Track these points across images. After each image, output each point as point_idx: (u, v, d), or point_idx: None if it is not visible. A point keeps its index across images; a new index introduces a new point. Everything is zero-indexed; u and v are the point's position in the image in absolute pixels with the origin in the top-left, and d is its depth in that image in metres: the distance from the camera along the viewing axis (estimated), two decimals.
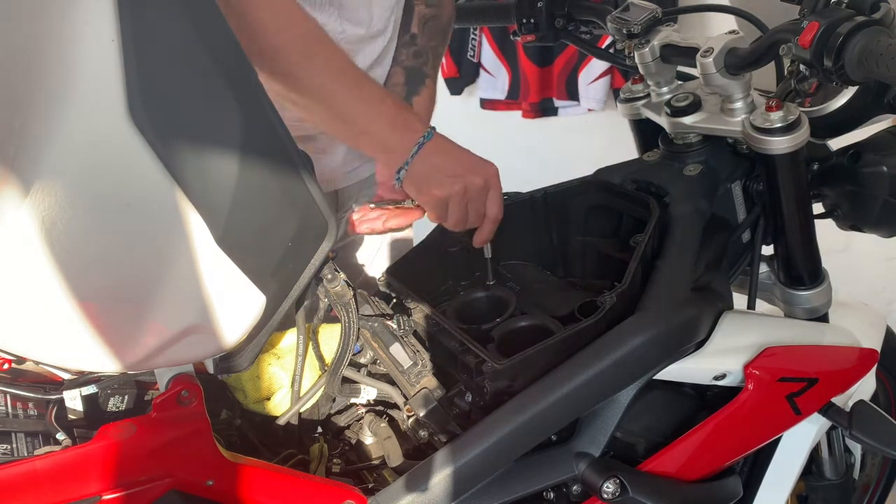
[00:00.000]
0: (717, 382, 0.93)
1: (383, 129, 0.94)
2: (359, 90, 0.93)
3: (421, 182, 0.95)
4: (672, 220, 0.99)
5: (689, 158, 1.05)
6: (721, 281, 1.00)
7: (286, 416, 0.96)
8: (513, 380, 0.85)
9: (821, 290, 1.05)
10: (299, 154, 0.83)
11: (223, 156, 0.75)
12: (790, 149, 0.93)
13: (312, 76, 0.90)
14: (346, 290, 0.94)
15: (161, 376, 0.85)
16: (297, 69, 0.89)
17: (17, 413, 0.85)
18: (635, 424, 0.91)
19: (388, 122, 0.94)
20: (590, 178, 1.11)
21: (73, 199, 0.70)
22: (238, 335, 0.81)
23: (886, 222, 1.01)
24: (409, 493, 0.83)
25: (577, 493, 0.89)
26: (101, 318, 0.74)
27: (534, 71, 2.40)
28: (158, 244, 0.74)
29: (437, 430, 0.91)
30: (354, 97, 0.93)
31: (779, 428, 0.98)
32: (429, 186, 0.95)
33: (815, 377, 0.96)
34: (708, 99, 1.03)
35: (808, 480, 1.21)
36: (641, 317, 0.87)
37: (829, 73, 0.84)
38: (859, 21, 0.82)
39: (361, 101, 0.93)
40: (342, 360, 0.96)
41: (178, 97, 0.73)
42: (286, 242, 0.83)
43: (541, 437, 0.86)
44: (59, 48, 0.67)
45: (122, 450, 0.79)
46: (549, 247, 1.12)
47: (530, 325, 0.97)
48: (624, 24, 1.06)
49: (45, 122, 0.68)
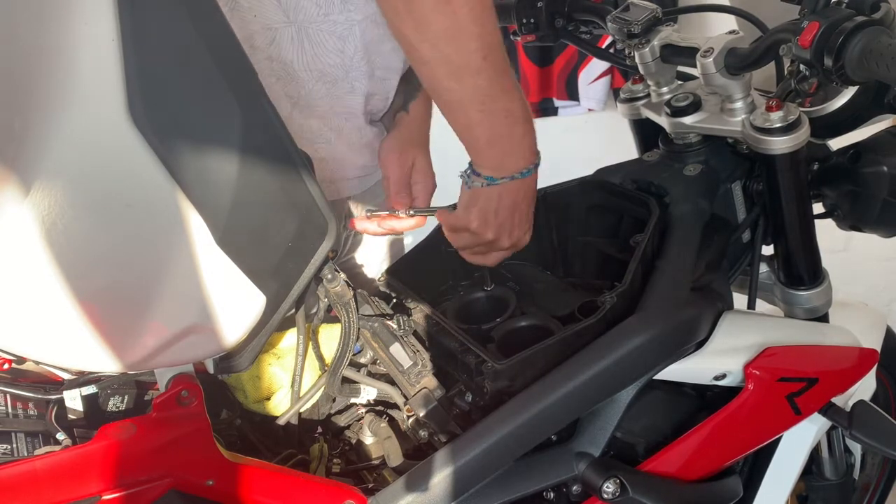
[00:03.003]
0: (718, 382, 0.93)
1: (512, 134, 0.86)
2: (515, 90, 0.85)
3: (474, 203, 0.91)
4: (672, 220, 0.99)
5: (689, 158, 1.05)
6: (721, 281, 1.00)
7: (286, 416, 0.96)
8: (513, 380, 0.85)
9: (821, 290, 1.05)
10: (299, 154, 0.83)
11: (223, 156, 0.75)
12: (790, 149, 0.93)
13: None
14: (346, 290, 0.94)
15: (161, 376, 0.85)
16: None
17: (17, 413, 0.85)
18: (635, 424, 0.91)
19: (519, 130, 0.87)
20: (590, 178, 1.11)
21: (74, 200, 0.70)
22: (238, 335, 0.81)
23: (886, 222, 1.01)
24: (409, 493, 0.83)
25: (577, 493, 0.89)
26: (102, 317, 0.74)
27: (534, 71, 2.39)
28: (159, 244, 0.74)
29: (437, 430, 0.91)
30: (515, 93, 0.85)
31: (779, 428, 0.98)
32: (475, 212, 0.92)
33: (815, 377, 0.96)
34: (708, 99, 1.03)
35: (808, 480, 1.21)
36: (641, 317, 0.87)
37: (829, 73, 0.84)
38: (859, 21, 0.82)
39: (512, 97, 0.85)
40: (342, 360, 0.96)
41: (178, 97, 0.73)
42: (286, 242, 0.83)
43: (541, 437, 0.86)
44: (59, 49, 0.67)
45: (122, 450, 0.79)
46: (549, 247, 1.12)
47: (530, 325, 0.97)
48: (624, 24, 1.06)
49: (45, 122, 0.68)
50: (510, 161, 0.88)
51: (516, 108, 0.85)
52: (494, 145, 0.87)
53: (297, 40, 0.96)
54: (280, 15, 0.93)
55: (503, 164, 0.88)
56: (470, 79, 0.80)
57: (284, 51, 0.96)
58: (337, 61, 0.99)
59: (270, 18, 0.93)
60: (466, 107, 0.83)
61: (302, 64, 0.97)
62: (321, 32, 0.96)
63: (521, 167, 0.89)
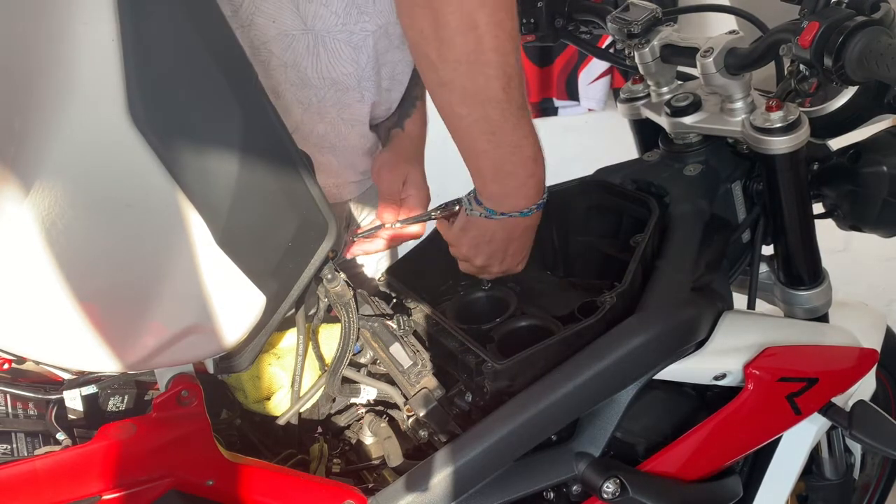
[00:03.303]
0: (717, 382, 0.93)
1: (518, 172, 0.86)
2: (528, 129, 0.85)
3: (469, 229, 0.93)
4: (672, 220, 0.99)
5: (689, 158, 1.05)
6: (721, 281, 1.00)
7: (286, 416, 0.96)
8: (513, 380, 0.85)
9: (821, 290, 1.05)
10: (299, 154, 0.83)
11: (223, 156, 0.75)
12: (790, 149, 0.93)
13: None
14: (346, 290, 0.94)
15: (161, 376, 0.85)
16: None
17: (17, 413, 0.85)
18: (635, 424, 0.91)
19: (525, 170, 0.87)
20: (590, 178, 1.11)
21: (74, 200, 0.70)
22: (238, 335, 0.81)
23: (886, 222, 1.01)
24: (409, 493, 0.83)
25: (577, 493, 0.89)
26: (102, 317, 0.74)
27: (534, 71, 2.40)
28: (159, 244, 0.74)
29: (437, 430, 0.91)
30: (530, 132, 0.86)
31: (779, 428, 0.98)
32: (468, 239, 0.94)
33: (815, 377, 0.96)
34: (708, 99, 1.03)
35: (808, 480, 1.21)
36: (641, 317, 0.87)
37: (829, 73, 0.84)
38: (859, 21, 0.82)
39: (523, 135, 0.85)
40: (342, 360, 0.96)
41: (178, 97, 0.73)
42: (286, 242, 0.83)
43: (541, 437, 0.86)
44: (59, 48, 0.67)
45: (122, 450, 0.79)
46: (550, 247, 1.12)
47: (530, 325, 0.98)
48: (624, 24, 1.06)
49: (45, 122, 0.68)
50: (512, 199, 0.89)
51: (526, 147, 0.85)
52: (498, 180, 0.87)
53: (313, 48, 0.96)
54: (298, 22, 0.94)
55: (504, 200, 0.89)
56: (481, 107, 0.80)
57: (300, 57, 0.97)
58: (350, 70, 1.00)
59: (288, 25, 0.94)
60: (475, 135, 0.83)
61: (316, 71, 0.98)
62: (337, 42, 0.97)
63: (521, 207, 0.89)
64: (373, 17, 0.98)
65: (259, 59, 0.95)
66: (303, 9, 0.93)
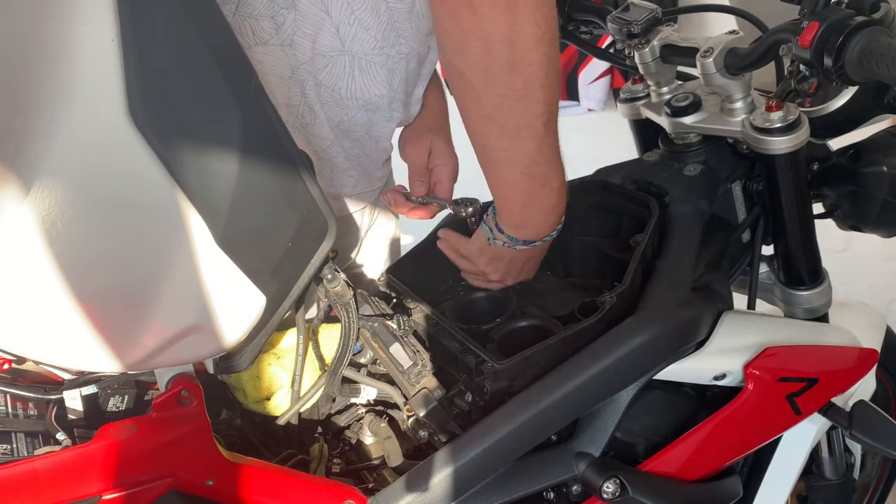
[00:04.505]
0: (717, 382, 0.93)
1: (545, 203, 0.87)
2: (558, 160, 0.86)
3: (489, 252, 0.95)
4: (672, 220, 0.99)
5: (689, 158, 1.05)
6: (721, 281, 1.00)
7: (286, 416, 0.96)
8: (513, 380, 0.85)
9: (821, 290, 1.05)
10: (299, 154, 0.83)
11: (223, 156, 0.75)
12: (790, 149, 0.93)
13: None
14: (346, 290, 0.94)
15: (161, 376, 0.85)
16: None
17: (17, 413, 0.85)
18: (635, 424, 0.91)
19: (552, 201, 0.87)
20: (590, 178, 1.11)
21: (74, 200, 0.70)
22: (238, 335, 0.81)
23: (886, 222, 1.01)
24: (409, 493, 0.83)
25: (577, 493, 0.89)
26: (102, 318, 0.74)
27: None
28: (159, 244, 0.74)
29: (437, 430, 0.91)
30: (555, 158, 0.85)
31: (779, 428, 0.98)
32: (486, 260, 0.96)
33: (815, 377, 0.96)
34: (708, 99, 1.03)
35: (808, 480, 1.21)
36: (641, 317, 0.87)
37: (829, 73, 0.84)
38: (859, 21, 0.82)
39: (553, 167, 0.85)
40: (342, 360, 0.96)
41: (178, 98, 0.73)
42: (286, 242, 0.83)
43: (541, 437, 0.86)
44: (59, 48, 0.67)
45: (122, 450, 0.79)
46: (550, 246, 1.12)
47: (530, 325, 0.97)
48: (624, 24, 1.06)
49: (45, 122, 0.68)
50: (534, 228, 0.90)
51: (554, 179, 0.85)
52: (526, 211, 0.88)
53: (349, 69, 0.97)
54: (336, 43, 0.94)
55: (526, 229, 0.90)
56: (523, 142, 0.80)
57: (336, 78, 0.97)
58: (383, 92, 1.01)
59: (326, 46, 0.94)
60: (510, 168, 0.83)
61: (350, 92, 0.99)
62: (373, 64, 0.98)
63: (542, 234, 0.91)
64: (408, 40, 0.98)
65: (297, 77, 0.96)
66: (343, 31, 0.94)
